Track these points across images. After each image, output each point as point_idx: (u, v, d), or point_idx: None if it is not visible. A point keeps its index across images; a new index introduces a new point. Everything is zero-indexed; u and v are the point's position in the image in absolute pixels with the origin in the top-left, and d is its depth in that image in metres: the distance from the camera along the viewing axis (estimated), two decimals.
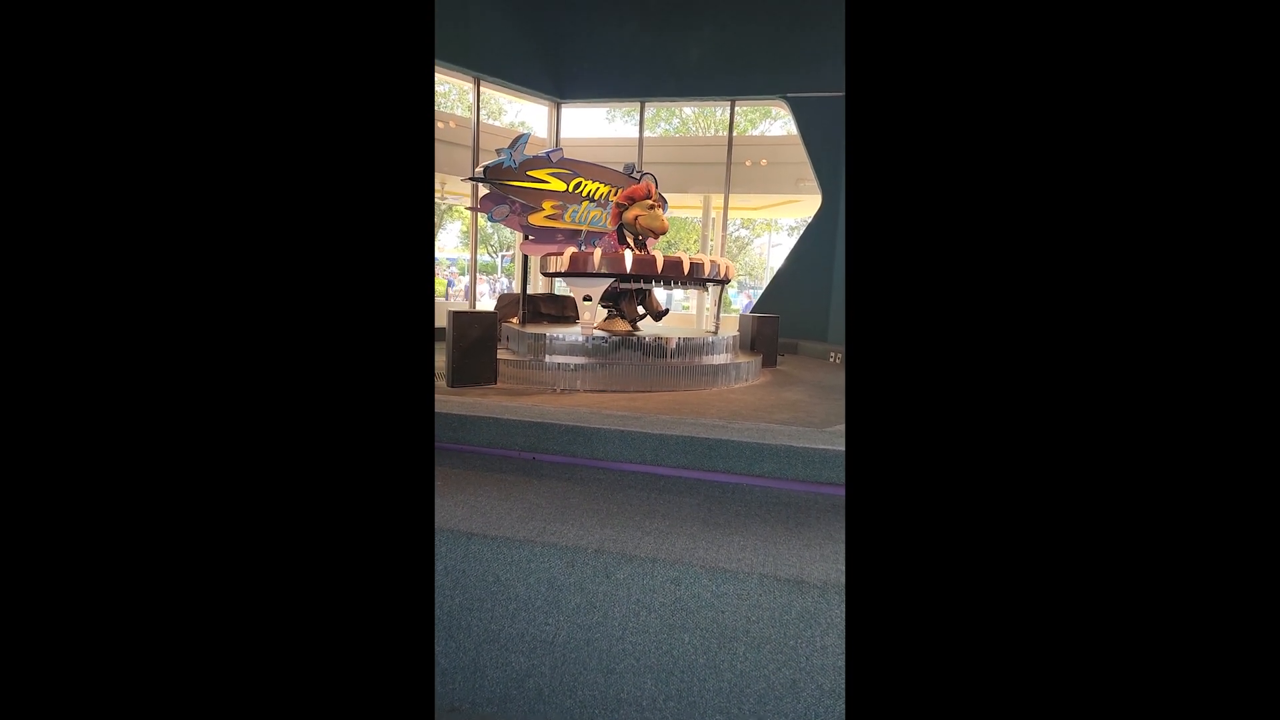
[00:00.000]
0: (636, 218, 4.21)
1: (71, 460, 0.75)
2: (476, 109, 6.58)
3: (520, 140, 4.24)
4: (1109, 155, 0.76)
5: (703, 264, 3.94)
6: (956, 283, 0.81)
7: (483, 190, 4.31)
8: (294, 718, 0.79)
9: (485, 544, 1.71)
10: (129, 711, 0.75)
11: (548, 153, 4.42)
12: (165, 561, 0.79)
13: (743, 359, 4.18)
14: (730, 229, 18.89)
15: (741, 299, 14.91)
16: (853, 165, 0.86)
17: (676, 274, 3.86)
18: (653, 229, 4.17)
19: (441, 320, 7.60)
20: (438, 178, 9.00)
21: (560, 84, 7.15)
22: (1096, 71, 0.75)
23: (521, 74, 6.85)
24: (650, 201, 4.20)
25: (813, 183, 6.63)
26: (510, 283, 16.49)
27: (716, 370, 3.84)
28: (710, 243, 10.62)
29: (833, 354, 5.81)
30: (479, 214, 4.68)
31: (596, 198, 4.69)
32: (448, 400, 2.80)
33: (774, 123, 16.64)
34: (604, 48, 6.95)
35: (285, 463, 0.83)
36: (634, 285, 4.04)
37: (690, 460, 2.32)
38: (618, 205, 4.29)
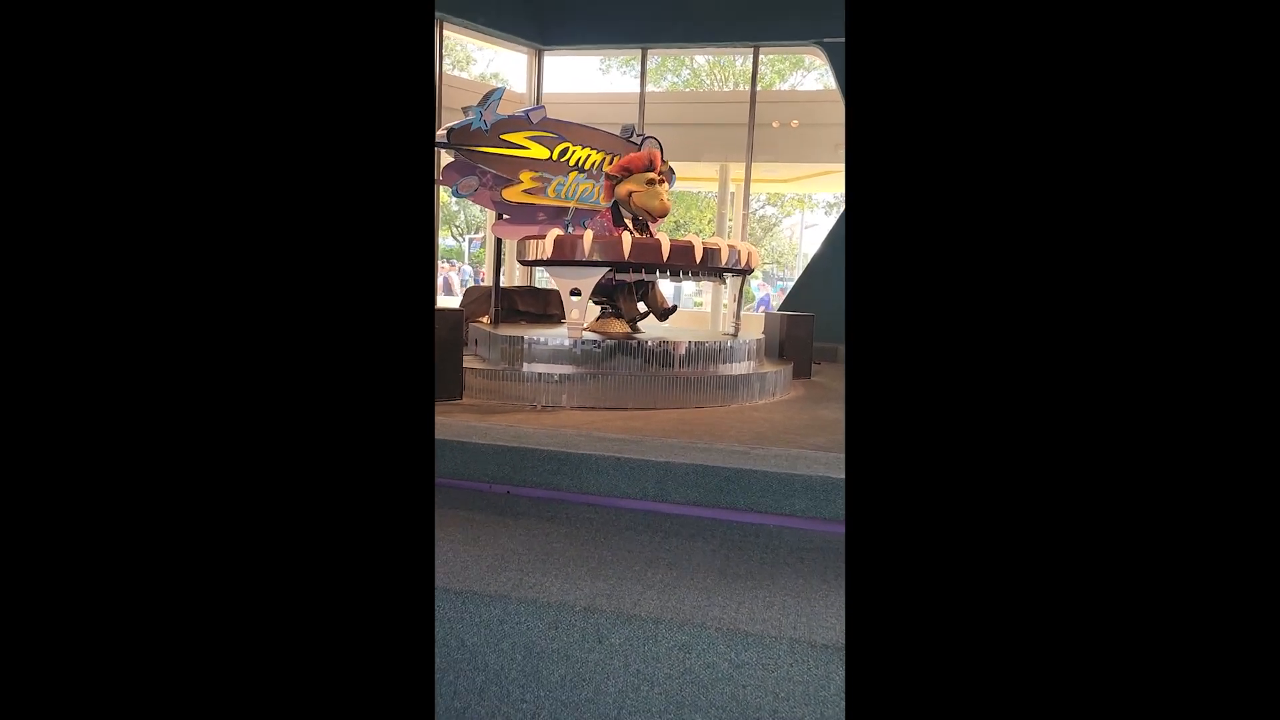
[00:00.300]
0: (630, 195, 4.19)
1: (42, 480, 0.91)
2: (439, 58, 6.62)
3: (493, 96, 4.26)
4: (1119, 157, 0.91)
5: (719, 250, 3.95)
6: (964, 287, 0.95)
7: (446, 158, 4.34)
8: None
9: (448, 600, 1.72)
10: None
11: (526, 111, 4.45)
12: (152, 579, 0.94)
13: (769, 368, 4.19)
14: (754, 206, 18.94)
15: (762, 293, 14.96)
16: (853, 163, 1.01)
17: (687, 262, 3.87)
18: (649, 209, 4.15)
19: None
20: None
21: (542, 27, 7.20)
22: (1104, 68, 0.91)
23: (494, 14, 6.90)
24: (650, 175, 4.17)
25: None
26: (478, 274, 16.50)
27: (736, 382, 3.85)
28: (729, 223, 10.64)
29: None
30: (442, 188, 4.70)
31: (587, 167, 4.71)
32: None
33: (807, 74, 16.72)
34: None
35: (274, 478, 0.97)
36: (634, 276, 4.05)
37: (703, 495, 2.32)
38: (609, 178, 4.28)
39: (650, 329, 4.61)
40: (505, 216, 4.56)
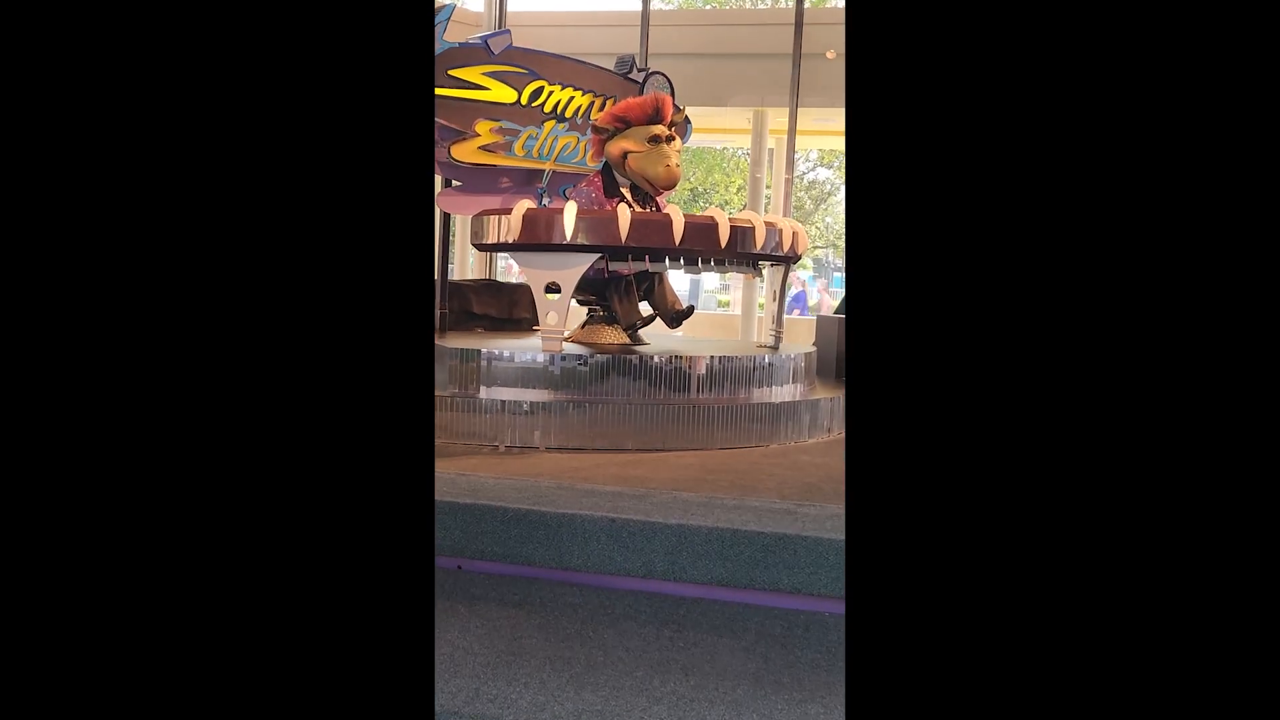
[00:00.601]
0: (627, 156, 4.17)
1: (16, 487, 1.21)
2: None
3: (439, 17, 4.29)
4: (1124, 160, 1.18)
5: (752, 229, 3.96)
6: (974, 295, 1.21)
7: None
8: None
9: None
10: None
11: (485, 38, 4.48)
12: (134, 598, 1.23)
13: (823, 393, 4.19)
14: (800, 168, 18.97)
15: (795, 289, 14.69)
16: (853, 163, 1.28)
17: (707, 247, 3.87)
18: (652, 178, 4.14)
19: None
20: None
21: None
22: (1106, 68, 1.19)
23: None
24: (655, 129, 4.13)
25: None
26: None
27: (777, 413, 3.86)
28: (766, 192, 10.68)
29: None
30: None
31: (569, 114, 4.73)
32: None
33: None
34: None
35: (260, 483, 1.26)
36: (634, 266, 4.05)
37: (732, 572, 2.32)
38: (598, 131, 4.27)
39: (657, 339, 4.61)
40: (455, 183, 4.58)
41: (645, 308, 4.43)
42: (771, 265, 4.47)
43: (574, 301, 4.04)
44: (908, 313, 1.22)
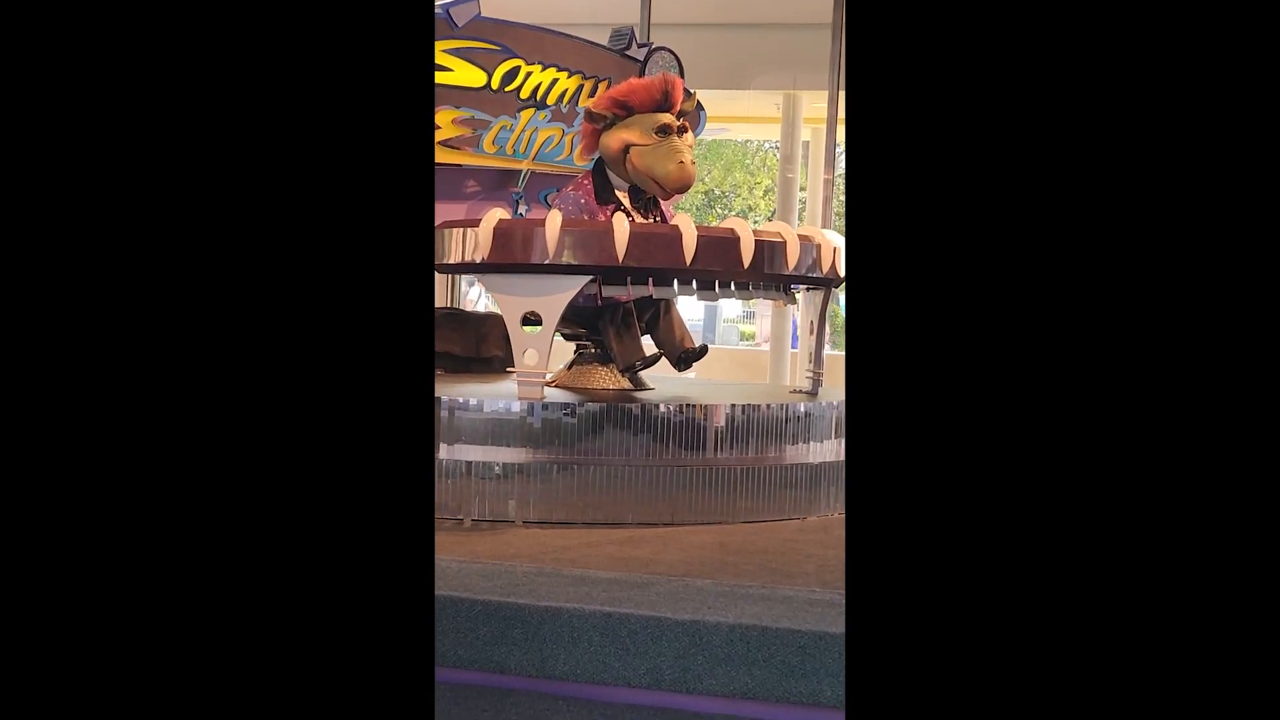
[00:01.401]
0: (629, 150, 4.18)
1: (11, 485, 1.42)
2: None
3: None
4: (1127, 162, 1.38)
5: (783, 244, 3.96)
6: (977, 299, 1.40)
7: None
8: None
9: None
10: None
11: (446, 7, 4.52)
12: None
13: None
14: (843, 165, 18.99)
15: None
16: (853, 164, 1.50)
17: (726, 267, 3.88)
18: (661, 178, 4.14)
19: None
20: None
21: None
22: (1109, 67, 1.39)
23: None
24: (663, 117, 4.14)
25: None
26: None
27: (816, 476, 3.87)
28: (801, 195, 10.73)
29: None
30: None
31: (552, 100, 4.76)
32: None
33: None
34: None
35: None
36: (634, 292, 4.05)
37: (760, 681, 2.32)
38: (592, 119, 4.29)
39: (663, 383, 4.62)
40: None
41: (648, 344, 4.43)
42: (808, 289, 4.47)
43: (559, 336, 4.05)
44: (915, 335, 1.36)
